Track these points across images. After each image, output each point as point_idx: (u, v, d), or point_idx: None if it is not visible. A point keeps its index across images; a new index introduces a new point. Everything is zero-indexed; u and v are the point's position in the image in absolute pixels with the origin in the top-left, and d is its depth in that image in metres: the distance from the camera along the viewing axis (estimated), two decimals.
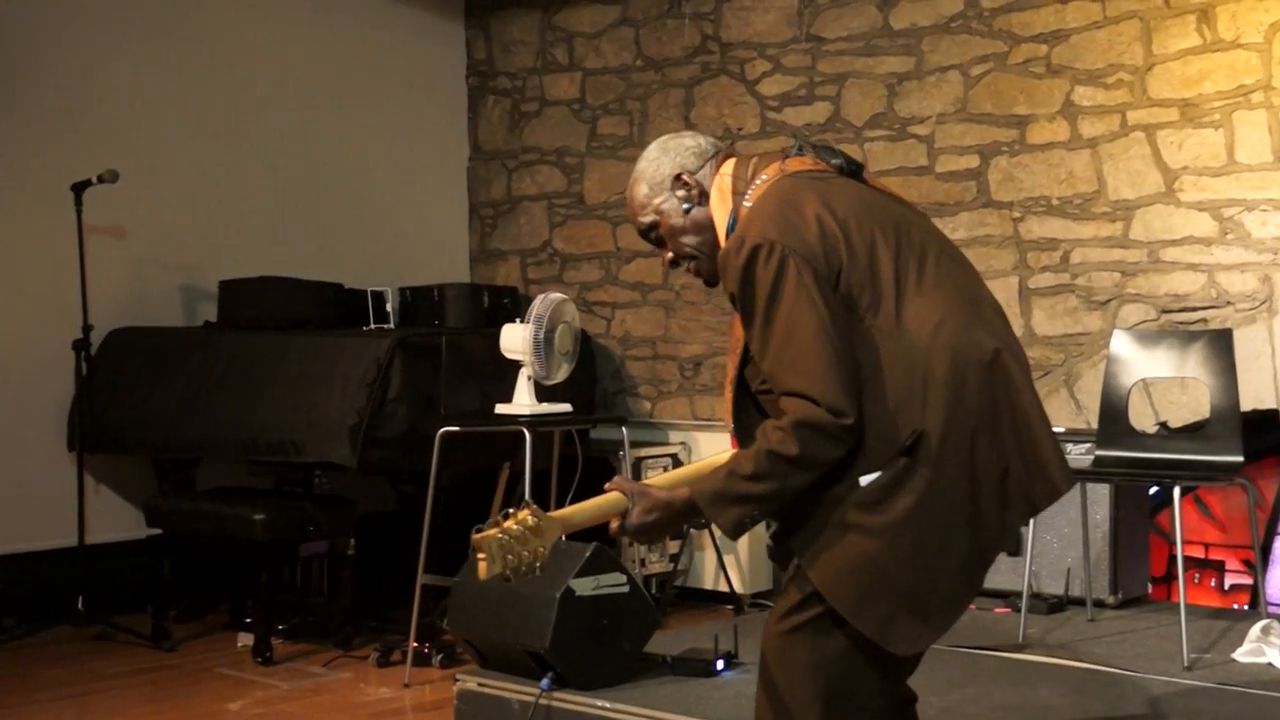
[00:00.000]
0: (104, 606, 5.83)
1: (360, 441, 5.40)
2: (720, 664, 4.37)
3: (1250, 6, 5.36)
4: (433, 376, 5.58)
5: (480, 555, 2.32)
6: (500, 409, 5.26)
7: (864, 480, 2.41)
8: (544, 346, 5.15)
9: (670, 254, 2.69)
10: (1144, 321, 5.56)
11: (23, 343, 6.06)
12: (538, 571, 2.38)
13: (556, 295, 5.28)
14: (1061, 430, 5.22)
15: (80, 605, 5.82)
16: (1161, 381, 5.36)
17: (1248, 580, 5.69)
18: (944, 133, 6.10)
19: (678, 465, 6.37)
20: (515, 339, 5.17)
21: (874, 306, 2.45)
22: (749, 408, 2.56)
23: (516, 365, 5.20)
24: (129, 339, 6.23)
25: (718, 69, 6.79)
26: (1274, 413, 5.35)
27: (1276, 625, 4.54)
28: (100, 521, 6.15)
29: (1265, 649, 4.46)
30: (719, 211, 2.61)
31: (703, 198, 2.63)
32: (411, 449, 5.46)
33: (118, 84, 6.39)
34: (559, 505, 5.40)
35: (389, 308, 6.19)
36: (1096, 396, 5.18)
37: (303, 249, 6.82)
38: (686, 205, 2.64)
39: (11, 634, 5.74)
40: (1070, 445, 5.16)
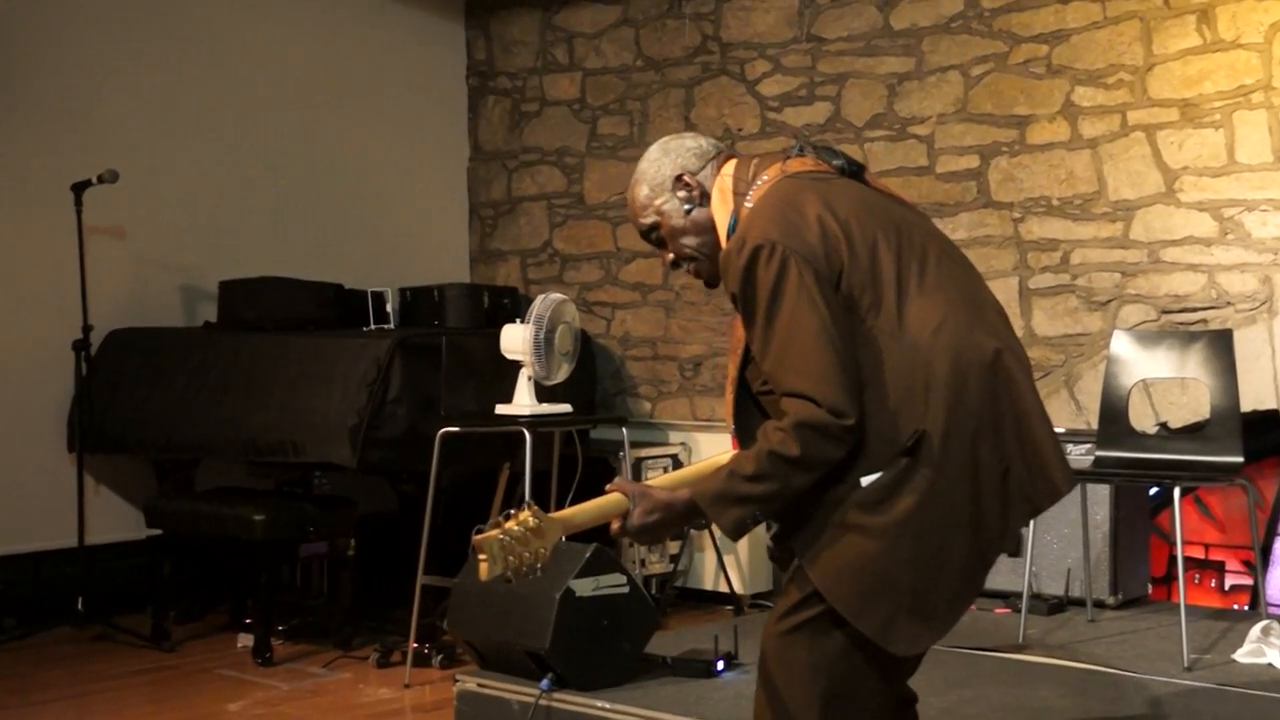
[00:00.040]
0: (104, 607, 5.83)
1: (360, 442, 5.40)
2: (720, 665, 4.37)
3: (1250, 7, 5.36)
4: (433, 377, 5.58)
5: (481, 556, 2.32)
6: (500, 409, 5.26)
7: (865, 481, 2.41)
8: (544, 347, 5.15)
9: (671, 255, 2.68)
10: (1144, 322, 5.56)
11: (23, 343, 6.06)
12: (539, 572, 2.38)
13: (557, 295, 5.28)
14: (1062, 431, 5.21)
15: (80, 606, 5.82)
16: (1162, 382, 5.36)
17: (1248, 581, 5.69)
18: (944, 133, 6.10)
19: (678, 466, 6.37)
20: (515, 339, 5.17)
21: (875, 307, 2.45)
22: (750, 408, 2.56)
23: (516, 365, 5.20)
24: (129, 339, 6.23)
25: (718, 69, 6.79)
26: (1274, 413, 5.35)
27: (1276, 626, 4.54)
28: (100, 522, 6.15)
29: (1265, 650, 4.46)
30: (720, 212, 2.61)
31: (704, 199, 2.63)
32: (411, 449, 5.46)
33: (118, 84, 6.39)
34: (559, 506, 5.41)
35: (389, 308, 6.19)
36: (1097, 397, 5.18)
37: (303, 249, 6.82)
38: (687, 206, 2.63)
39: (11, 635, 5.74)
40: (1070, 446, 5.15)
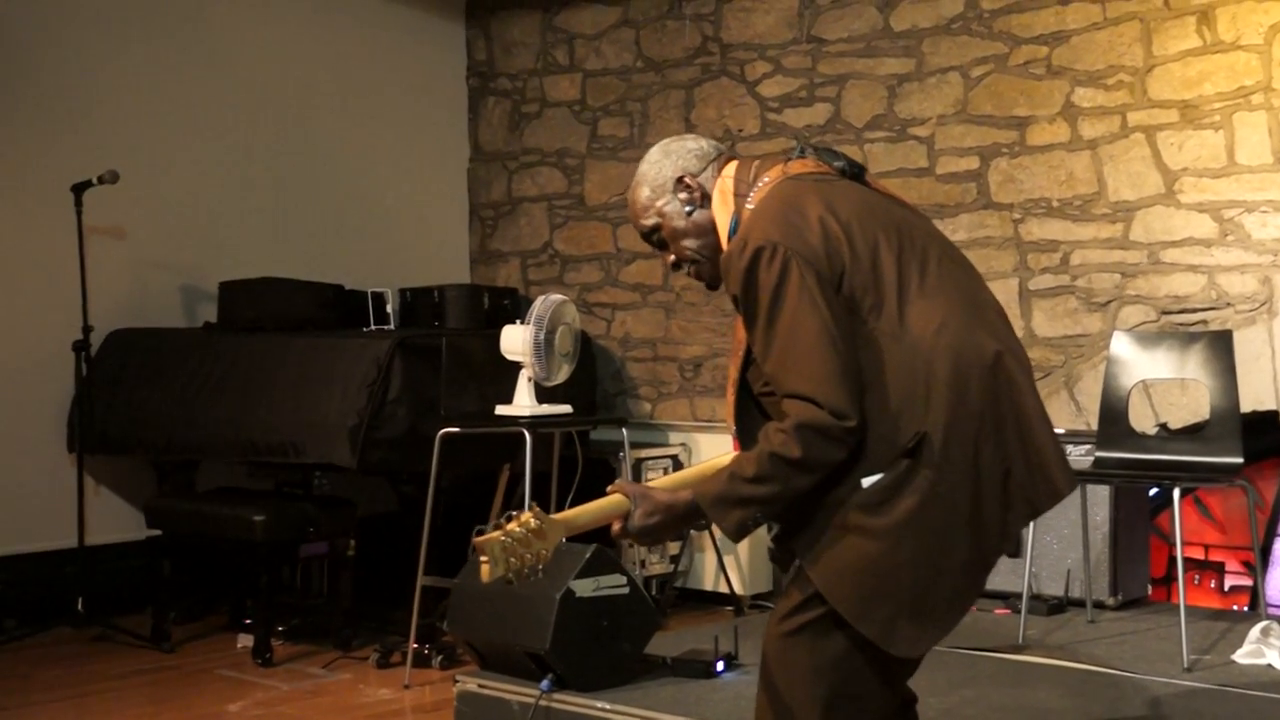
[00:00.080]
0: (104, 608, 5.83)
1: (360, 443, 5.40)
2: (720, 665, 4.37)
3: (1250, 8, 5.36)
4: (433, 378, 5.58)
5: (483, 558, 2.32)
6: (500, 410, 5.26)
7: (866, 482, 2.41)
8: (544, 348, 5.15)
9: (672, 257, 2.68)
10: (1144, 323, 5.57)
11: (23, 343, 6.06)
12: (540, 574, 2.38)
13: (557, 296, 5.29)
14: (1061, 431, 5.21)
15: (80, 606, 5.81)
16: (1161, 383, 5.36)
17: (1247, 581, 5.69)
18: (944, 134, 6.10)
19: (678, 466, 6.37)
20: (515, 340, 5.17)
21: (876, 309, 2.45)
22: (751, 410, 2.56)
23: (517, 366, 5.20)
24: (129, 340, 6.23)
25: (718, 70, 6.79)
26: (1274, 414, 5.35)
27: (1276, 627, 4.54)
28: (100, 523, 6.15)
29: (1265, 650, 4.46)
30: (721, 214, 2.61)
31: (705, 200, 2.63)
32: (411, 450, 5.45)
33: (118, 84, 6.39)
34: (559, 507, 5.41)
35: (389, 309, 6.19)
36: (1096, 398, 5.19)
37: (303, 250, 6.82)
38: (689, 208, 2.63)
39: (11, 635, 5.74)
40: (1070, 446, 5.15)
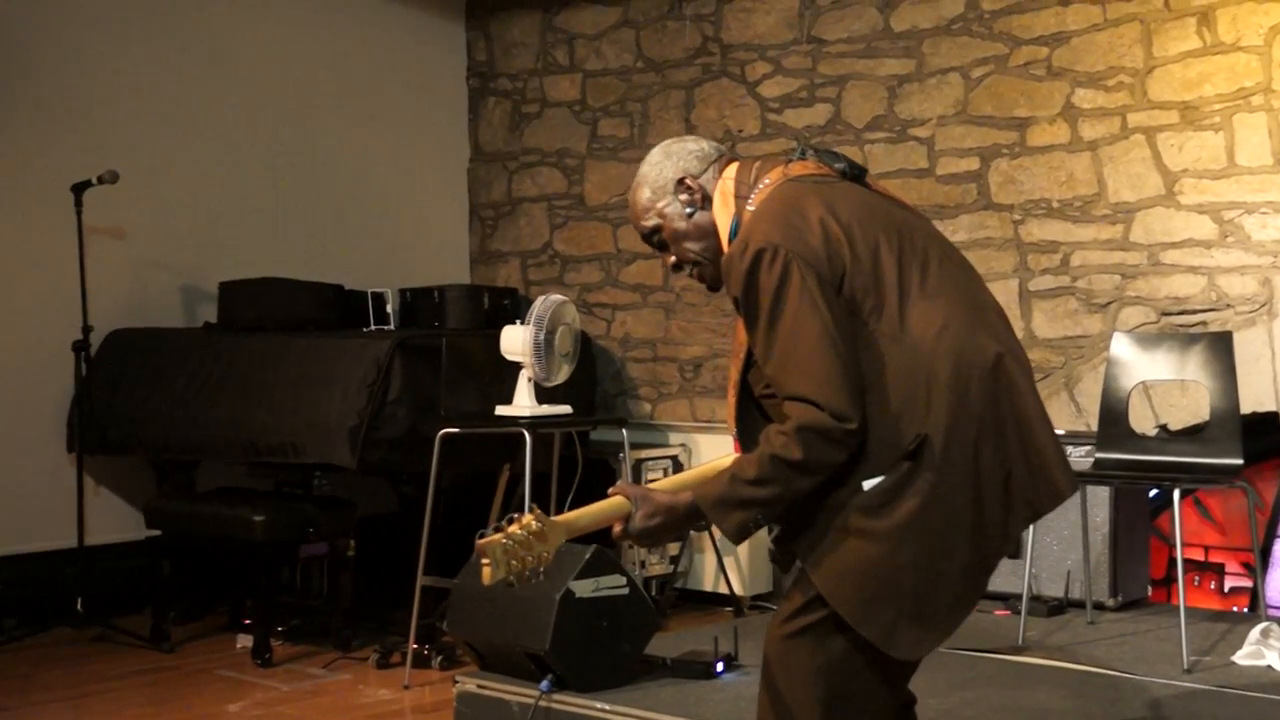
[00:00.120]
0: (103, 608, 5.83)
1: (360, 443, 5.40)
2: (720, 666, 4.38)
3: (1250, 9, 5.36)
4: (433, 378, 5.58)
5: (484, 560, 2.32)
6: (500, 411, 5.26)
7: (867, 484, 2.41)
8: (544, 348, 5.15)
9: (673, 258, 2.68)
10: (1144, 324, 5.57)
11: (23, 343, 6.06)
12: (541, 576, 2.38)
13: (557, 297, 5.28)
14: (1061, 432, 5.21)
15: (79, 607, 5.81)
16: (1161, 384, 5.36)
17: (1247, 583, 5.69)
18: (944, 135, 6.10)
19: (678, 467, 6.37)
20: (515, 340, 5.17)
21: (877, 311, 2.45)
22: (752, 412, 2.56)
23: (517, 367, 5.20)
24: (129, 340, 6.23)
25: (718, 71, 6.79)
26: (1274, 415, 5.35)
27: (1276, 628, 4.54)
28: (100, 523, 6.14)
29: (1265, 652, 4.46)
30: (722, 216, 2.61)
31: (705, 202, 2.63)
32: (411, 450, 5.45)
33: (118, 84, 6.39)
34: (559, 507, 5.42)
35: (389, 309, 6.19)
36: (1096, 399, 5.19)
37: (303, 250, 6.82)
38: (689, 209, 2.63)
39: (11, 635, 5.74)
40: (1070, 448, 5.16)
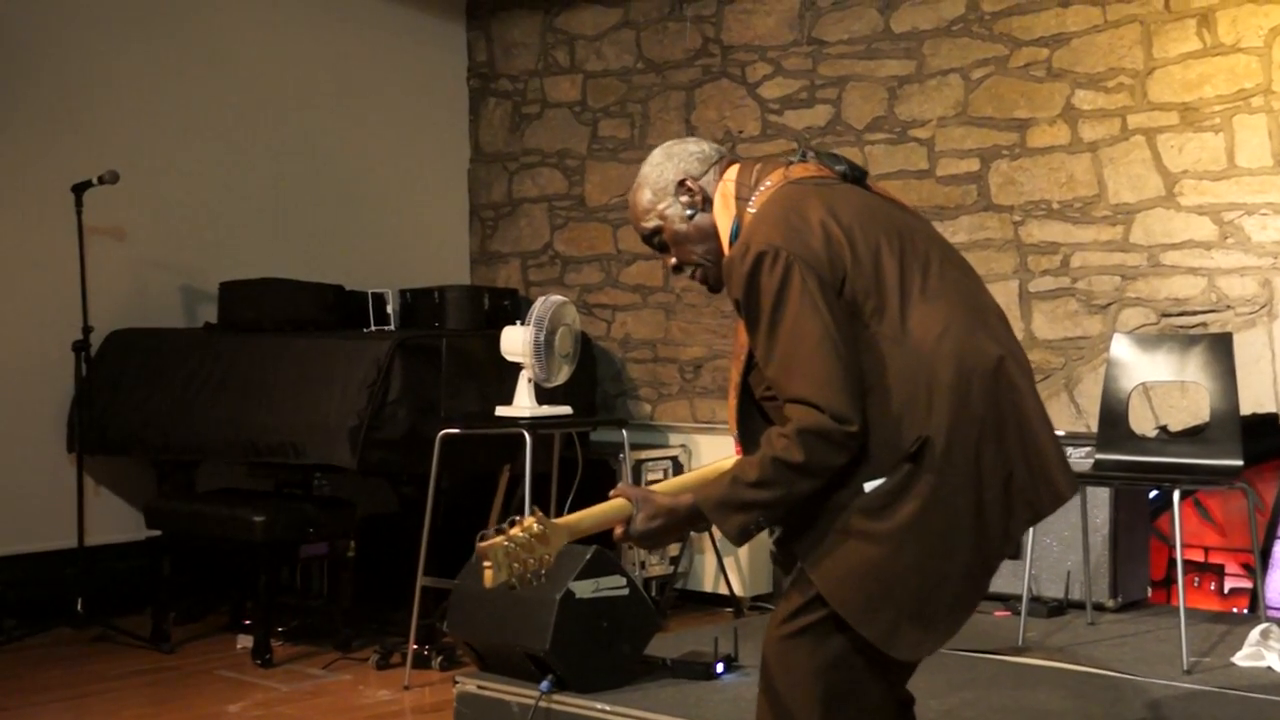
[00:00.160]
0: (103, 608, 5.82)
1: (360, 443, 5.40)
2: (720, 667, 4.38)
3: (1250, 11, 5.36)
4: (433, 378, 5.58)
5: (486, 563, 2.32)
6: (500, 411, 5.26)
7: (868, 486, 2.40)
8: (544, 349, 5.15)
9: (673, 260, 2.68)
10: (1144, 325, 5.57)
11: (23, 344, 6.06)
12: (543, 579, 2.38)
13: (557, 298, 5.28)
14: (1062, 434, 5.20)
15: (79, 607, 5.81)
16: (1161, 385, 5.36)
17: (1247, 584, 5.69)
18: (945, 136, 6.10)
19: (678, 468, 6.37)
20: (515, 341, 5.17)
21: (878, 313, 2.45)
22: (753, 414, 2.56)
23: (517, 367, 5.20)
24: (129, 340, 6.23)
25: (719, 72, 6.79)
26: (1274, 417, 5.35)
27: (1276, 629, 4.54)
28: (100, 523, 6.14)
29: (1265, 653, 4.46)
30: (722, 217, 2.61)
31: (706, 204, 2.63)
32: (411, 451, 5.46)
33: (118, 84, 6.39)
34: (559, 508, 5.42)
35: (389, 309, 6.19)
36: (1096, 400, 5.19)
37: (303, 250, 6.82)
38: (690, 211, 2.63)
39: (11, 636, 5.73)
40: (1070, 449, 5.15)
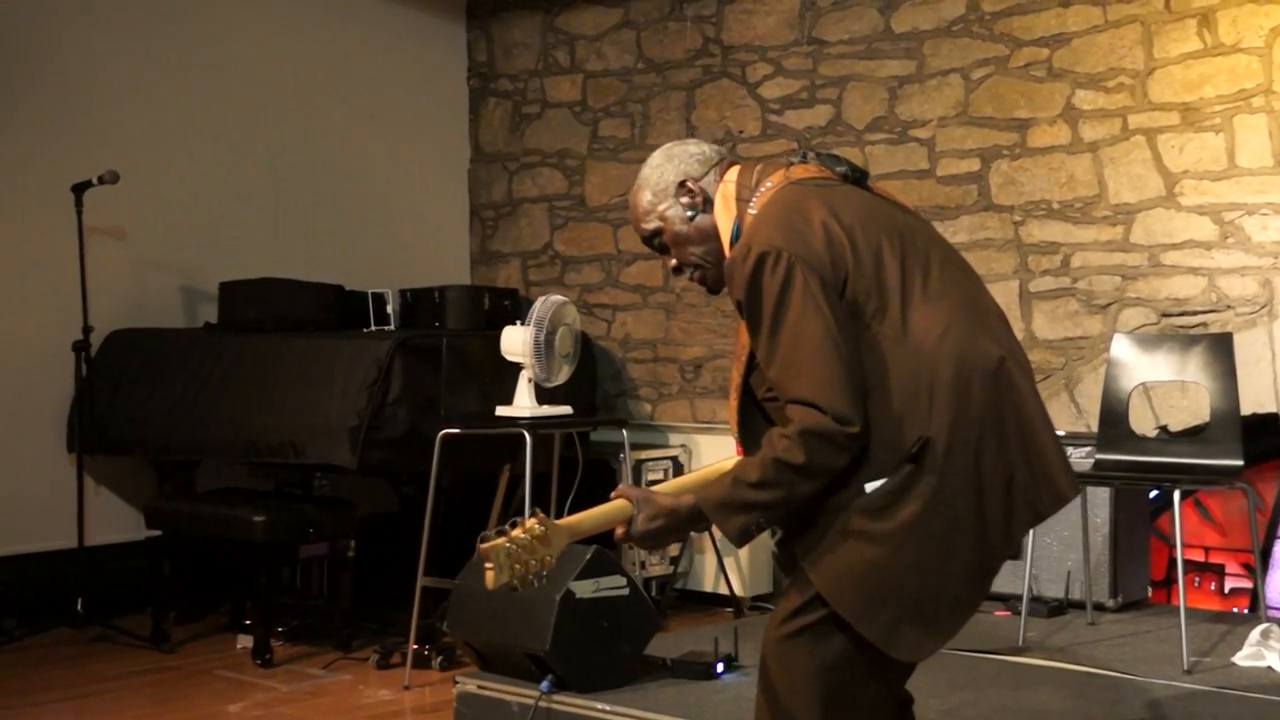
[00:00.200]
0: (103, 608, 5.82)
1: (360, 443, 5.40)
2: (720, 667, 4.38)
3: (1251, 11, 5.36)
4: (433, 378, 5.58)
5: (487, 564, 2.32)
6: (501, 411, 5.26)
7: (869, 487, 2.41)
8: (544, 349, 5.15)
9: (674, 261, 2.68)
10: (1144, 325, 5.57)
11: (23, 344, 6.06)
12: (544, 580, 2.38)
13: (557, 298, 5.28)
14: (1062, 433, 5.19)
15: (80, 607, 5.81)
16: (1162, 385, 5.36)
17: (1247, 584, 5.69)
18: (945, 136, 6.10)
19: (678, 468, 6.37)
20: (516, 341, 5.17)
21: (880, 314, 2.45)
22: (754, 415, 2.56)
23: (517, 367, 5.20)
24: (129, 340, 6.23)
25: (719, 72, 6.79)
26: (1274, 417, 5.35)
27: (1276, 629, 4.55)
28: (100, 523, 6.14)
29: (1265, 653, 4.46)
30: (723, 219, 2.61)
31: (707, 205, 2.63)
32: (412, 451, 5.46)
33: (118, 84, 6.39)
34: (560, 508, 5.42)
35: (389, 309, 6.19)
36: (1097, 400, 5.19)
37: (303, 250, 6.82)
38: (690, 212, 2.63)
39: (11, 636, 5.73)
40: (1070, 449, 5.15)
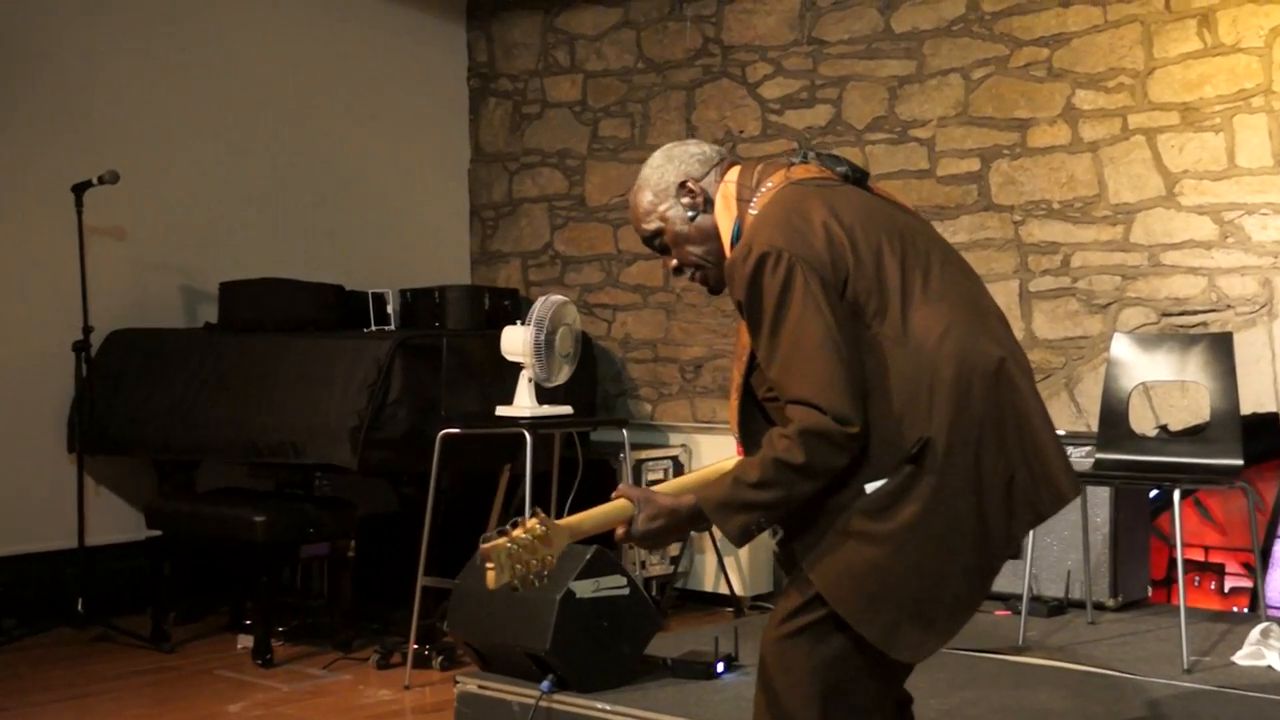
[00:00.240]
0: (104, 608, 5.82)
1: (361, 443, 5.40)
2: (720, 666, 4.38)
3: (1251, 11, 5.36)
4: (433, 378, 5.58)
5: (488, 564, 2.32)
6: (501, 411, 5.26)
7: (869, 488, 2.41)
8: (545, 349, 5.15)
9: (674, 262, 2.68)
10: (1144, 325, 5.57)
11: (23, 344, 6.06)
12: (545, 580, 2.38)
13: (557, 297, 5.29)
14: (1062, 433, 5.17)
15: (80, 607, 5.81)
16: (1162, 385, 5.36)
17: (1247, 583, 5.69)
18: (945, 136, 6.10)
19: (679, 468, 6.38)
20: (516, 341, 5.18)
21: (880, 314, 2.45)
22: (754, 415, 2.56)
23: (517, 367, 5.20)
24: (129, 340, 6.23)
25: (719, 72, 6.79)
26: (1274, 416, 5.36)
27: (1276, 628, 4.55)
28: (100, 523, 6.14)
29: (1265, 652, 4.47)
30: (724, 219, 2.61)
31: (707, 205, 2.63)
32: (412, 451, 5.46)
33: (118, 84, 6.39)
34: (560, 508, 5.42)
35: (390, 309, 6.19)
36: (1097, 400, 5.19)
37: (303, 250, 6.82)
38: (691, 213, 2.63)
39: (11, 636, 5.73)
40: (1071, 448, 5.14)
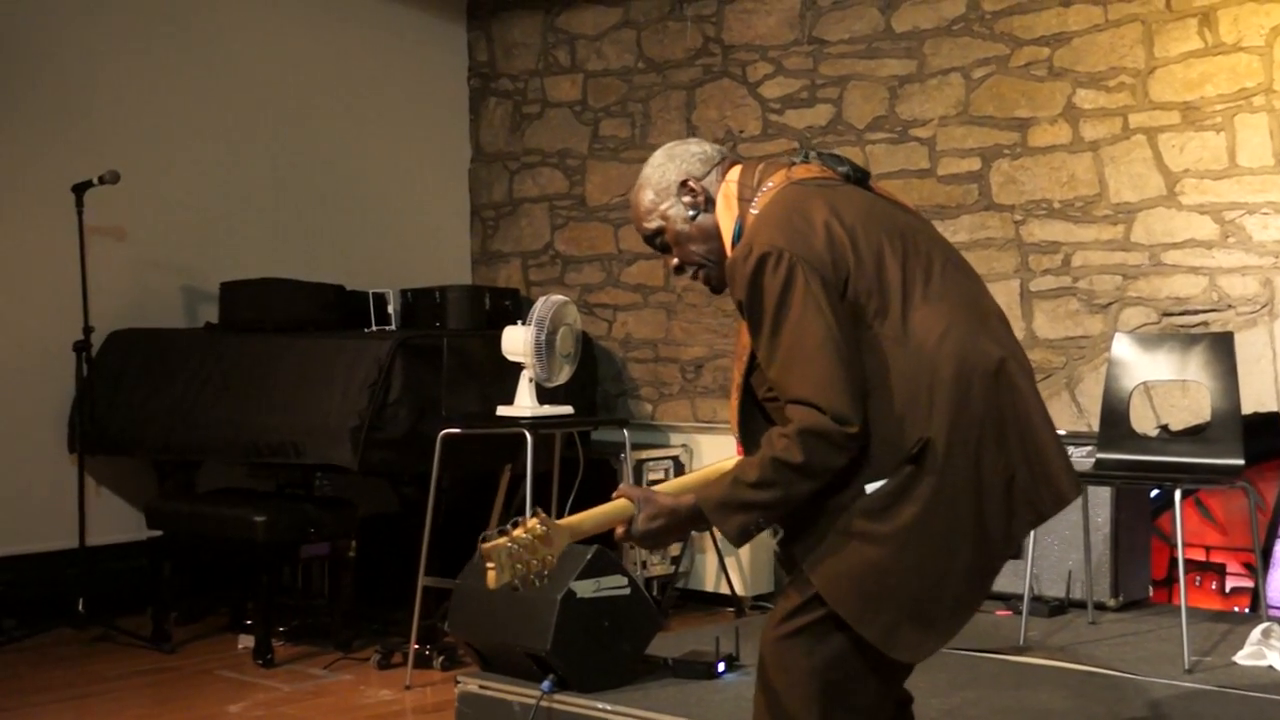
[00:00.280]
0: (104, 608, 5.82)
1: (361, 443, 5.40)
2: (721, 666, 4.38)
3: (1252, 10, 5.36)
4: (434, 378, 5.58)
5: (489, 564, 2.32)
6: (501, 411, 5.26)
7: (869, 488, 2.41)
8: (545, 349, 5.15)
9: (675, 261, 2.68)
10: (1145, 324, 5.57)
11: (23, 344, 6.06)
12: (546, 580, 2.38)
13: (558, 297, 5.29)
14: (1063, 433, 5.16)
15: (81, 607, 5.80)
16: (1162, 384, 5.36)
17: (1248, 583, 5.69)
18: (945, 135, 6.10)
19: (679, 468, 6.37)
20: (516, 341, 5.18)
21: (881, 314, 2.45)
22: (755, 415, 2.56)
23: (518, 367, 5.21)
24: (130, 340, 6.23)
25: (719, 71, 6.79)
26: (1275, 416, 5.35)
27: (1277, 628, 4.55)
28: (101, 523, 6.14)
29: (1266, 652, 4.46)
30: (725, 218, 2.61)
31: (709, 204, 2.63)
32: (412, 451, 5.46)
33: (118, 84, 6.39)
34: (560, 508, 5.42)
35: (390, 309, 6.19)
36: (1098, 399, 5.19)
37: (304, 250, 6.82)
38: (692, 212, 2.63)
39: (11, 636, 5.73)
40: (1071, 448, 5.14)
